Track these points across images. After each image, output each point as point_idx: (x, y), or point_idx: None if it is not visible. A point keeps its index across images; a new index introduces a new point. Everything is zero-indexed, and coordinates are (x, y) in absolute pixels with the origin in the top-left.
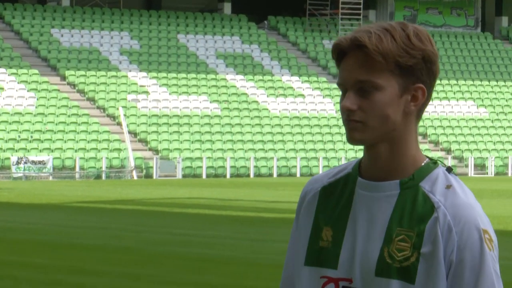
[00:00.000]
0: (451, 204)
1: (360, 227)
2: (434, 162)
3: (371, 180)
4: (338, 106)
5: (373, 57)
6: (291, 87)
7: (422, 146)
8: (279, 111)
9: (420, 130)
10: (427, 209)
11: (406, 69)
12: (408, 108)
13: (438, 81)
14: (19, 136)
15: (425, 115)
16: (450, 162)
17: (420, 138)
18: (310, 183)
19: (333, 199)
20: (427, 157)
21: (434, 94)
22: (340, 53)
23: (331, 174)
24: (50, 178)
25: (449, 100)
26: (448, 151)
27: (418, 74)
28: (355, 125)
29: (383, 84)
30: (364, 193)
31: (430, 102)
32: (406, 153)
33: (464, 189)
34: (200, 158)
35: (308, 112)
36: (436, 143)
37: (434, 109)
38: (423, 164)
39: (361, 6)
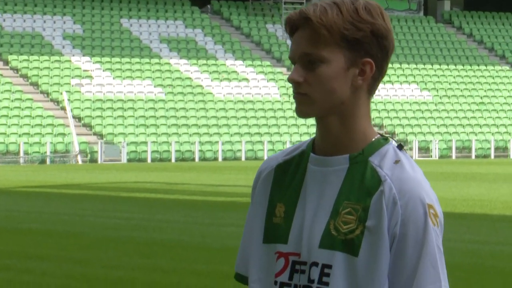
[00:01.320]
0: (397, 177)
1: (309, 202)
2: (385, 139)
3: (323, 155)
4: (282, 90)
5: (317, 30)
6: (235, 71)
7: None
8: (224, 95)
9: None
10: (374, 182)
11: (353, 42)
12: (356, 82)
13: None
14: None
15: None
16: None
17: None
18: (266, 162)
19: (287, 176)
20: (379, 133)
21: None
22: (292, 27)
23: (286, 152)
24: None
25: (392, 84)
26: (392, 134)
27: (367, 48)
28: (301, 99)
29: (328, 56)
30: (315, 168)
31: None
32: (355, 127)
33: (413, 165)
34: (145, 143)
35: (252, 96)
36: (380, 126)
37: (378, 93)
38: (373, 139)
39: None
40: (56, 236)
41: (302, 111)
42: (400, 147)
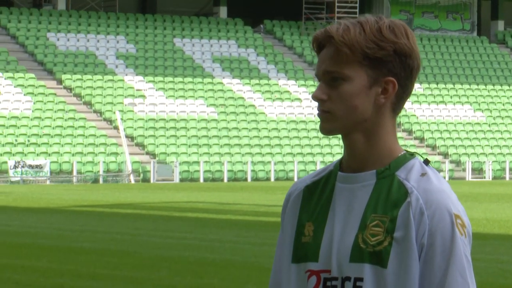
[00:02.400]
0: (423, 189)
1: (338, 218)
2: (411, 154)
3: (350, 172)
4: None
5: (339, 48)
6: (287, 91)
7: (419, 150)
8: (276, 115)
9: (417, 134)
10: (401, 194)
11: (375, 61)
12: (379, 100)
13: (434, 85)
14: (16, 140)
15: (421, 119)
16: (447, 166)
17: (417, 142)
18: (295, 185)
19: (315, 196)
20: (406, 150)
21: (430, 98)
22: (318, 45)
23: (314, 173)
24: (48, 182)
25: (446, 104)
26: (446, 155)
27: (390, 67)
28: (325, 116)
29: (350, 74)
30: (343, 185)
31: (427, 106)
32: (381, 144)
33: (439, 178)
34: (198, 162)
35: (305, 116)
36: (433, 147)
37: (431, 113)
38: (399, 155)
39: (357, 10)
40: (109, 255)
41: (325, 128)
42: (427, 162)
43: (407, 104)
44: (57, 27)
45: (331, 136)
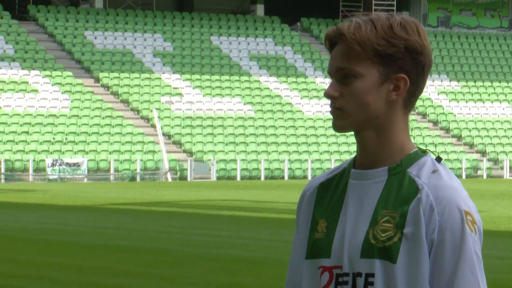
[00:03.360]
0: (434, 185)
1: (350, 215)
2: (423, 151)
3: (362, 169)
4: None
5: (351, 45)
6: (324, 89)
7: (457, 148)
8: (313, 113)
9: (455, 132)
10: (411, 190)
11: (387, 57)
12: (390, 97)
13: (472, 83)
14: (53, 138)
15: (459, 117)
16: (485, 164)
17: (454, 140)
18: (310, 182)
19: (329, 193)
20: (418, 147)
21: (468, 96)
22: (330, 43)
23: (329, 171)
24: (85, 180)
25: (483, 102)
26: (483, 153)
27: (401, 63)
28: (337, 113)
29: (361, 71)
30: (355, 182)
31: (464, 104)
32: (393, 141)
33: (450, 175)
34: (234, 160)
35: None
36: (471, 145)
37: (469, 111)
38: (411, 152)
39: (394, 8)
40: (144, 253)
41: (337, 125)
42: (439, 159)
43: (445, 102)
44: (94, 25)
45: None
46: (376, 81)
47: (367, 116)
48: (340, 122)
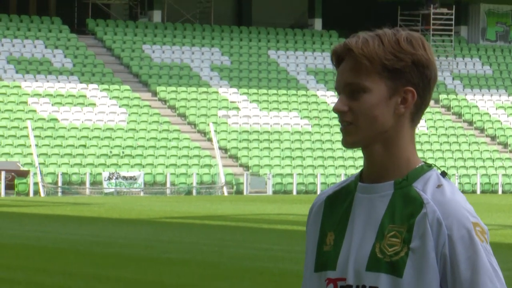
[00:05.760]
0: (439, 200)
1: (357, 228)
2: (428, 165)
3: (369, 183)
4: (429, 123)
5: (359, 60)
6: None
7: (502, 155)
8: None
9: (501, 139)
10: (417, 205)
11: (394, 72)
12: (398, 110)
13: None
14: (110, 152)
15: None
16: None
17: (500, 147)
18: (318, 196)
19: (337, 206)
20: (424, 162)
21: None
22: (337, 59)
23: (337, 184)
24: (141, 193)
25: None
26: None
27: (408, 77)
28: (347, 129)
29: (370, 86)
30: (362, 196)
31: None
32: (399, 154)
33: (455, 189)
34: (291, 175)
35: None
36: None
37: None
38: (417, 166)
39: (453, 22)
40: (194, 266)
41: (348, 142)
42: (444, 174)
43: (503, 117)
44: (152, 39)
45: (425, 149)
46: (384, 95)
47: (376, 130)
48: (351, 138)
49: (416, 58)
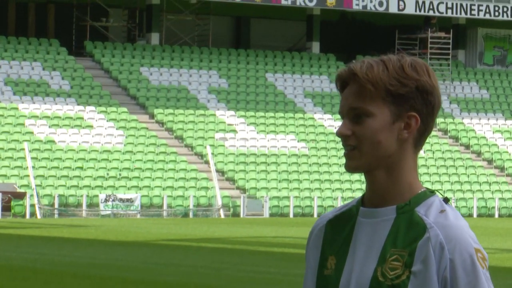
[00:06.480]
0: (442, 225)
1: (359, 252)
2: (431, 191)
3: (371, 207)
4: (426, 146)
5: (363, 85)
6: None
7: (499, 179)
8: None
9: (510, 171)
10: (420, 229)
11: (398, 97)
12: (402, 135)
13: None
14: (107, 174)
15: None
16: None
17: (509, 179)
18: (319, 219)
19: (338, 230)
20: (426, 187)
21: None
22: (342, 83)
23: (337, 208)
24: (138, 216)
25: None
26: None
27: (412, 103)
28: (351, 154)
29: (374, 111)
30: (364, 220)
31: None
32: (402, 180)
33: (457, 215)
34: (288, 197)
35: None
36: None
37: None
38: (419, 191)
39: (450, 46)
40: None
41: (351, 166)
42: (446, 200)
43: (500, 141)
44: (150, 61)
45: (421, 173)
46: (388, 120)
47: (380, 155)
48: (354, 162)
49: (420, 84)
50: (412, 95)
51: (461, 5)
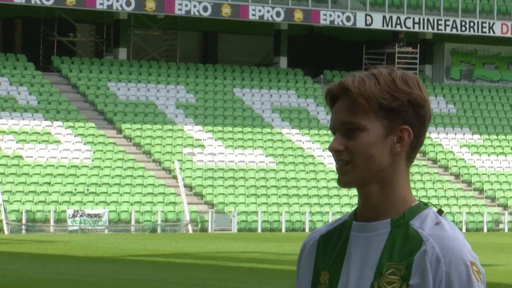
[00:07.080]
0: (438, 237)
1: (353, 267)
2: (425, 204)
3: (364, 222)
4: None
5: (356, 99)
6: None
7: (479, 201)
8: (335, 166)
9: (477, 185)
10: (416, 242)
11: (391, 111)
12: (395, 149)
13: (494, 136)
14: (75, 189)
15: (481, 170)
16: (507, 218)
17: (476, 193)
18: (310, 235)
19: (330, 245)
20: (419, 200)
21: (490, 150)
22: (332, 98)
23: (329, 224)
24: (106, 231)
25: (505, 156)
26: (505, 207)
27: (404, 116)
28: (343, 169)
29: (366, 125)
30: (358, 234)
31: (486, 157)
32: (395, 193)
33: (453, 227)
34: (256, 212)
35: None
36: (493, 198)
37: (491, 165)
38: (413, 204)
39: (417, 61)
40: None
41: (343, 181)
42: (440, 212)
43: (467, 155)
44: (118, 76)
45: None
46: (380, 134)
47: (373, 169)
48: (347, 177)
49: (412, 98)
50: (404, 108)
51: (428, 20)
